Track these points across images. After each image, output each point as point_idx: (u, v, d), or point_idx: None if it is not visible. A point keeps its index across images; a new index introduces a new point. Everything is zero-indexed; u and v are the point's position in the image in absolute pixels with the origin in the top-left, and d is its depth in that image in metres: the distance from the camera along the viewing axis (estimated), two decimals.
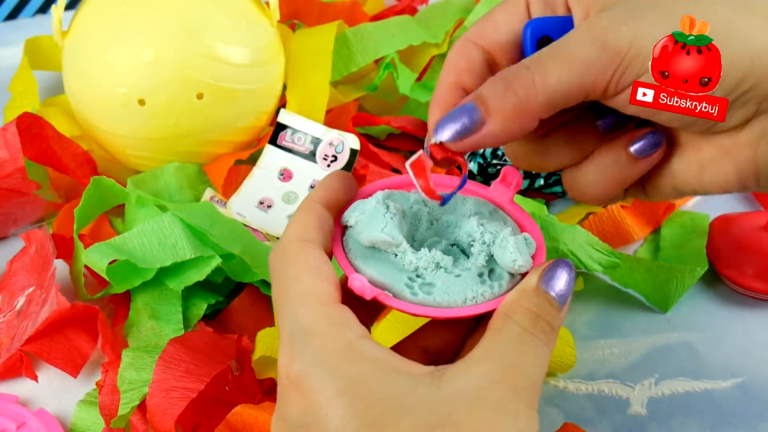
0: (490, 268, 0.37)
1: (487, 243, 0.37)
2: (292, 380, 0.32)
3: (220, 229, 0.52)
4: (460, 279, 0.36)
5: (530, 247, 0.37)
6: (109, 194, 0.57)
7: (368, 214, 0.36)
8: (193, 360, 0.47)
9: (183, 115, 0.58)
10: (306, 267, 0.34)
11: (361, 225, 0.36)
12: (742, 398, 0.50)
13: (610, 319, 0.55)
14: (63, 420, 0.49)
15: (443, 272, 0.36)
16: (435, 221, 0.39)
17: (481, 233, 0.37)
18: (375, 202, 0.37)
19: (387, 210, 0.37)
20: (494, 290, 0.36)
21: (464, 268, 0.37)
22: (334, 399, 0.31)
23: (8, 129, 0.55)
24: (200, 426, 0.47)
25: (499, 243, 0.37)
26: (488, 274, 0.37)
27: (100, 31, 0.58)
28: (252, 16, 0.61)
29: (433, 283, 0.36)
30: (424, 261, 0.36)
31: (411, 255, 0.36)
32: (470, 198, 0.39)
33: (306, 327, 0.32)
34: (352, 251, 0.37)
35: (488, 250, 0.37)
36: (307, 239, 0.35)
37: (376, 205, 0.37)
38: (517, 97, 0.34)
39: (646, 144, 0.36)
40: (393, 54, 0.67)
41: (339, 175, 0.38)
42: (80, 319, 0.51)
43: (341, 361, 0.31)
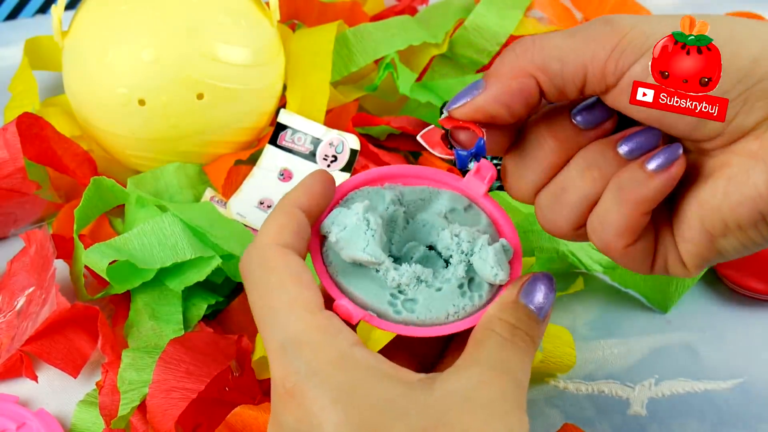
0: (470, 278, 0.37)
1: (465, 252, 0.37)
2: (288, 390, 0.32)
3: (219, 230, 0.52)
4: (441, 293, 0.37)
5: (508, 254, 0.37)
6: (109, 194, 0.57)
7: (349, 230, 0.36)
8: (193, 360, 0.47)
9: (183, 115, 0.58)
10: (288, 274, 0.34)
11: (342, 242, 0.36)
12: (742, 399, 0.50)
13: (610, 319, 0.55)
14: (63, 420, 0.49)
15: (425, 286, 0.37)
16: (411, 220, 0.39)
17: (457, 243, 0.37)
18: (356, 217, 0.36)
19: (368, 226, 0.36)
20: (475, 302, 0.37)
21: (444, 280, 0.37)
22: (328, 407, 0.31)
23: (8, 129, 0.55)
24: (200, 426, 0.47)
25: (479, 254, 0.37)
26: (468, 285, 0.37)
27: (100, 31, 0.58)
28: (252, 16, 0.61)
29: (415, 299, 0.36)
30: (406, 277, 0.36)
31: (393, 272, 0.36)
32: (445, 192, 0.39)
33: (297, 337, 0.32)
34: (333, 265, 0.37)
35: (467, 260, 0.37)
36: (285, 245, 0.34)
37: (357, 221, 0.36)
38: (514, 54, 0.34)
39: (637, 143, 0.35)
40: (393, 54, 0.67)
41: (320, 178, 0.37)
42: (80, 319, 0.51)
43: (335, 370, 0.32)
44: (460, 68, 0.72)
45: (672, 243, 0.36)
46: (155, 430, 0.45)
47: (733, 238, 0.34)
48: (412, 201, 0.39)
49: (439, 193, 0.39)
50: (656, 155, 0.34)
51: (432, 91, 0.68)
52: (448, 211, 0.39)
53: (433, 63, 0.71)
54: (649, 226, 0.36)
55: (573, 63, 0.34)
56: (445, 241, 0.38)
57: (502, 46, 0.71)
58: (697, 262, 0.36)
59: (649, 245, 0.36)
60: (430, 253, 0.39)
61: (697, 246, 0.35)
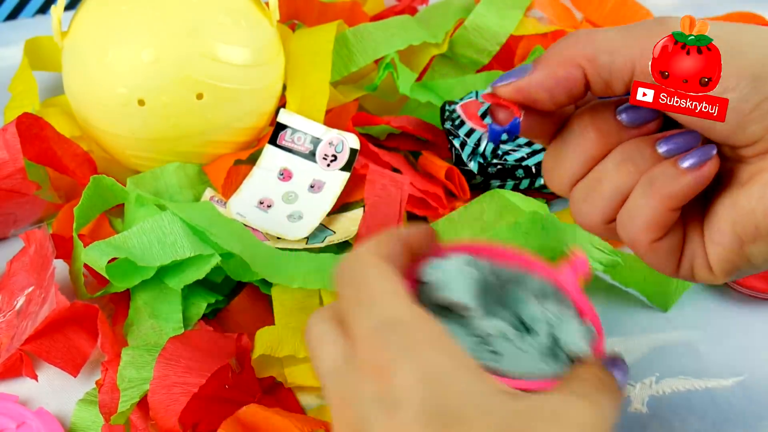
0: (553, 350, 0.38)
1: (551, 324, 0.38)
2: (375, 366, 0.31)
3: (219, 229, 0.52)
4: (525, 354, 0.38)
5: (591, 336, 0.39)
6: (109, 193, 0.57)
7: (447, 274, 0.37)
8: (193, 357, 0.47)
9: (183, 115, 0.58)
10: (388, 271, 0.34)
11: (439, 283, 0.37)
12: (743, 397, 0.50)
13: (610, 317, 0.55)
14: (63, 419, 0.49)
15: (510, 344, 0.38)
16: (504, 293, 0.40)
17: (545, 315, 0.39)
18: (455, 264, 0.37)
19: (465, 274, 0.38)
20: (555, 371, 0.38)
21: (529, 345, 0.38)
22: (414, 385, 0.30)
23: (8, 129, 0.55)
24: (200, 424, 0.47)
25: (565, 328, 0.38)
26: (551, 354, 0.38)
27: (99, 31, 0.58)
28: (252, 16, 0.61)
29: (499, 353, 0.37)
30: (493, 329, 0.37)
31: (481, 321, 0.37)
32: (536, 275, 0.41)
33: (395, 318, 0.32)
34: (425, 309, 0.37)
35: (553, 333, 0.38)
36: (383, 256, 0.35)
37: (456, 266, 0.38)
38: (565, 43, 0.35)
39: (676, 143, 0.35)
40: (393, 54, 0.67)
41: (424, 227, 0.38)
42: (80, 318, 0.51)
43: (429, 350, 0.31)
44: (460, 68, 0.72)
45: (701, 246, 0.36)
46: (158, 426, 0.45)
47: (763, 244, 0.35)
48: (504, 276, 0.41)
49: (530, 274, 0.41)
50: (691, 154, 0.35)
51: (432, 91, 0.69)
52: (538, 291, 0.40)
53: (433, 63, 0.71)
54: (678, 226, 0.36)
55: (623, 57, 0.34)
56: (532, 311, 0.39)
57: (502, 45, 0.71)
58: (725, 267, 0.36)
59: (676, 244, 0.36)
60: (517, 323, 0.40)
61: (727, 250, 0.35)
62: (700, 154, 0.34)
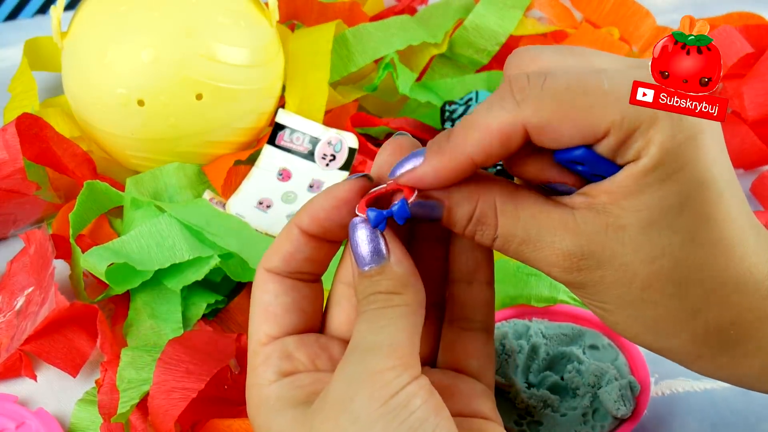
0: (594, 408, 0.41)
1: (592, 385, 0.41)
2: None
3: (216, 226, 0.52)
4: (566, 419, 0.40)
5: (635, 391, 0.41)
6: (104, 197, 0.57)
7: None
8: (193, 359, 0.47)
9: (182, 115, 0.58)
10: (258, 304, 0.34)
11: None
12: (742, 398, 0.50)
13: None
14: (62, 419, 0.49)
15: (550, 411, 0.40)
16: (551, 352, 0.43)
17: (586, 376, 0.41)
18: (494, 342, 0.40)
19: (503, 350, 0.40)
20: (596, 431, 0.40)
21: (570, 407, 0.41)
22: None
23: (8, 130, 0.55)
24: (198, 424, 0.47)
25: (605, 388, 0.41)
26: (592, 414, 0.40)
27: (99, 31, 0.58)
28: (251, 16, 0.61)
29: (540, 422, 0.40)
30: (534, 400, 0.40)
31: (523, 394, 0.40)
32: (588, 330, 0.43)
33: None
34: None
35: (594, 392, 0.41)
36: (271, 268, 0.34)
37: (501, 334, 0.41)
38: (458, 131, 0.32)
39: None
40: (392, 54, 0.67)
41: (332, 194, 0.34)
42: (79, 318, 0.51)
43: None
44: (459, 68, 0.72)
45: None
46: (156, 430, 0.45)
47: None
48: (555, 335, 0.43)
49: (582, 330, 0.43)
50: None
51: (432, 91, 0.69)
52: (587, 347, 0.43)
53: (433, 63, 0.71)
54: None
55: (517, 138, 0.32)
56: (574, 373, 0.42)
57: (501, 45, 0.71)
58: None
59: None
60: (561, 383, 0.42)
61: None
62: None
